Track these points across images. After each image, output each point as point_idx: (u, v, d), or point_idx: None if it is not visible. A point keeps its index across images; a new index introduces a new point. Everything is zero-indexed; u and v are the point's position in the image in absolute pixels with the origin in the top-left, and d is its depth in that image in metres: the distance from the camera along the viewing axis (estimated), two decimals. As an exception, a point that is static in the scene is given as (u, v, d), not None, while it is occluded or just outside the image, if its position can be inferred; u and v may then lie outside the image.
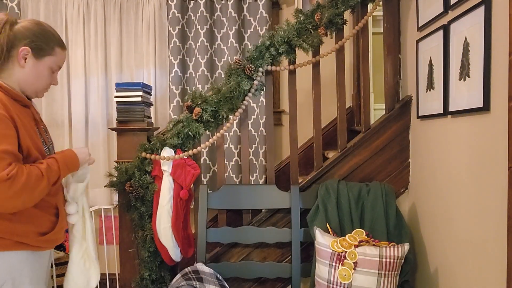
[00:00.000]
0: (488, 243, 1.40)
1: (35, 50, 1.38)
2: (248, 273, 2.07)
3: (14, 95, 1.35)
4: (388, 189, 2.02)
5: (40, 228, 1.39)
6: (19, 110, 1.34)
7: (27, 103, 1.41)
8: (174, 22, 3.01)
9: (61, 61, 1.47)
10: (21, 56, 1.36)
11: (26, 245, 1.35)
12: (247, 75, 2.07)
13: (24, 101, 1.39)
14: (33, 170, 1.29)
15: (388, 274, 1.76)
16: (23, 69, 1.38)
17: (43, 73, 1.42)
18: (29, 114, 1.41)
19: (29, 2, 3.02)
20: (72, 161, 1.44)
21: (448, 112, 1.67)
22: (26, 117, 1.37)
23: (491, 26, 1.36)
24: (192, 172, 2.02)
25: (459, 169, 1.61)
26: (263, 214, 2.16)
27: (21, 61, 1.36)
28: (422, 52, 1.93)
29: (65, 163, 1.40)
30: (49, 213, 1.42)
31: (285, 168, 3.06)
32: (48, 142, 1.47)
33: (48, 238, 1.41)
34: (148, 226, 2.03)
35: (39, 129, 1.44)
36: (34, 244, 1.37)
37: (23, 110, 1.37)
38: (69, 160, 1.42)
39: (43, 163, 1.34)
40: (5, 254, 1.32)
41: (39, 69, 1.40)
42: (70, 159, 1.43)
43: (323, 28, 2.07)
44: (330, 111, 3.00)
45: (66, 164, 1.41)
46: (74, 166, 1.45)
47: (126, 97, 2.07)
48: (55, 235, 1.44)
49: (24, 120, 1.34)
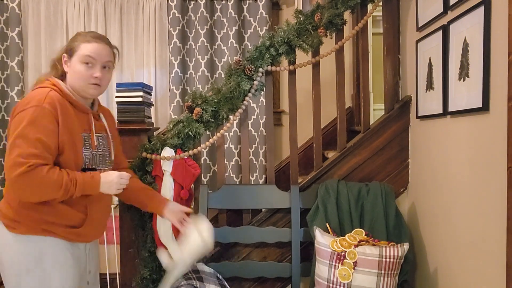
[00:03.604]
0: (488, 243, 1.40)
1: (67, 51, 1.53)
2: (248, 273, 2.08)
3: (70, 99, 1.49)
4: (388, 189, 2.02)
5: (68, 221, 1.49)
6: (71, 113, 1.48)
7: (83, 110, 1.54)
8: (175, 22, 3.01)
9: (86, 51, 1.52)
10: (63, 62, 1.54)
11: (54, 233, 1.47)
12: (247, 75, 2.07)
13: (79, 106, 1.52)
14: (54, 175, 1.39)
15: (388, 274, 1.76)
16: (68, 73, 1.53)
17: (76, 69, 1.51)
18: (84, 119, 1.54)
19: (29, 3, 3.02)
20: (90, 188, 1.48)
21: (448, 112, 1.67)
22: (78, 120, 1.50)
23: (491, 26, 1.37)
24: (192, 172, 2.02)
25: (458, 169, 1.61)
26: (263, 214, 2.16)
27: (65, 66, 1.54)
28: (422, 52, 1.94)
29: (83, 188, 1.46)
30: (78, 209, 1.51)
31: (285, 168, 3.06)
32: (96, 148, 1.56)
33: (77, 232, 1.51)
34: (148, 226, 2.03)
35: (91, 135, 1.55)
36: (62, 234, 1.48)
37: (77, 114, 1.51)
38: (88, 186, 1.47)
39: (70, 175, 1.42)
40: (34, 238, 1.46)
41: (73, 66, 1.52)
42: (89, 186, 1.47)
43: (323, 28, 2.07)
44: (330, 111, 2.99)
45: (83, 190, 1.46)
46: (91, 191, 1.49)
47: (127, 97, 2.07)
48: (85, 230, 1.53)
49: (70, 120, 1.46)
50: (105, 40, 1.58)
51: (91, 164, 1.54)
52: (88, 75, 1.51)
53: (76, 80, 1.52)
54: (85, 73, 1.51)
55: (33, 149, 1.36)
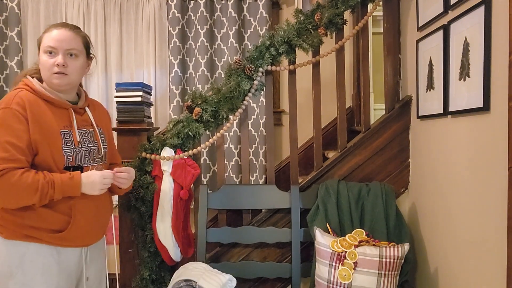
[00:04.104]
0: (488, 243, 1.40)
1: (38, 47, 1.50)
2: (248, 273, 2.07)
3: (44, 96, 1.44)
4: (388, 189, 2.02)
5: (51, 225, 1.42)
6: (44, 110, 1.42)
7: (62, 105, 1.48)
8: (174, 22, 3.01)
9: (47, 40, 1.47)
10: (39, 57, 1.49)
11: (38, 239, 1.41)
12: (247, 75, 2.07)
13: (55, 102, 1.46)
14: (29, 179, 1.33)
15: (388, 274, 1.76)
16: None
17: (42, 60, 1.48)
18: (63, 115, 1.47)
19: (29, 2, 3.01)
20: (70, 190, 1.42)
21: (448, 112, 1.67)
22: (55, 117, 1.44)
23: (491, 26, 1.36)
24: (192, 172, 2.02)
25: (459, 169, 1.61)
26: (263, 214, 2.16)
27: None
28: (422, 52, 1.93)
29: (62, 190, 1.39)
30: (61, 212, 1.44)
31: (285, 168, 3.06)
32: (80, 144, 1.48)
33: (63, 236, 1.43)
34: (148, 226, 2.03)
35: (72, 131, 1.47)
36: (46, 239, 1.41)
37: (54, 111, 1.45)
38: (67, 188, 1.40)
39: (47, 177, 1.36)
40: (16, 243, 1.40)
41: (40, 59, 1.49)
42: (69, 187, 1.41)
43: (323, 28, 2.07)
44: (330, 111, 2.99)
45: (62, 192, 1.40)
46: (72, 193, 1.43)
47: (126, 97, 2.07)
48: (70, 234, 1.45)
49: (43, 119, 1.40)
50: (69, 26, 1.51)
51: (75, 161, 1.46)
52: (50, 64, 1.45)
53: (43, 73, 1.47)
54: (48, 63, 1.46)
55: (3, 152, 1.32)
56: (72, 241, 1.47)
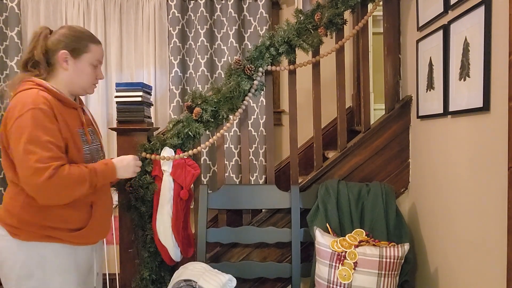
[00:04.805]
0: (488, 243, 1.40)
1: (72, 51, 1.50)
2: (248, 273, 2.07)
3: (58, 96, 1.47)
4: (388, 189, 2.02)
5: (71, 225, 1.47)
6: (63, 110, 1.46)
7: (73, 105, 1.53)
8: (174, 22, 3.01)
9: (98, 54, 1.57)
10: (62, 60, 1.49)
11: (58, 239, 1.45)
12: (247, 75, 2.07)
13: (68, 103, 1.50)
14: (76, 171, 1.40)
15: (388, 274, 1.76)
16: (67, 71, 1.51)
17: (85, 70, 1.54)
18: (74, 115, 1.53)
19: (29, 2, 3.01)
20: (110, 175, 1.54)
21: (448, 112, 1.67)
22: (70, 117, 1.49)
23: (491, 26, 1.36)
24: (192, 172, 2.02)
25: (459, 169, 1.61)
26: (263, 214, 2.16)
27: (63, 64, 1.50)
28: (422, 52, 1.93)
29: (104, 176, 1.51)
30: (81, 211, 1.50)
31: (285, 168, 3.06)
32: (91, 143, 1.57)
33: (81, 234, 1.49)
34: (148, 226, 2.03)
35: (84, 130, 1.55)
36: (66, 239, 1.46)
37: (68, 111, 1.49)
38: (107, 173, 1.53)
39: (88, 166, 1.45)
40: (36, 244, 1.43)
41: (80, 67, 1.52)
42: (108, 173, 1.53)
43: (323, 28, 2.07)
44: (330, 111, 3.00)
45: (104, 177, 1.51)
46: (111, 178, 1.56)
47: (126, 97, 2.07)
48: (89, 231, 1.51)
49: (66, 118, 1.45)
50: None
51: (91, 159, 1.54)
52: (94, 77, 1.57)
53: (80, 80, 1.53)
54: (91, 74, 1.56)
55: (48, 152, 1.35)
56: (90, 238, 1.54)
